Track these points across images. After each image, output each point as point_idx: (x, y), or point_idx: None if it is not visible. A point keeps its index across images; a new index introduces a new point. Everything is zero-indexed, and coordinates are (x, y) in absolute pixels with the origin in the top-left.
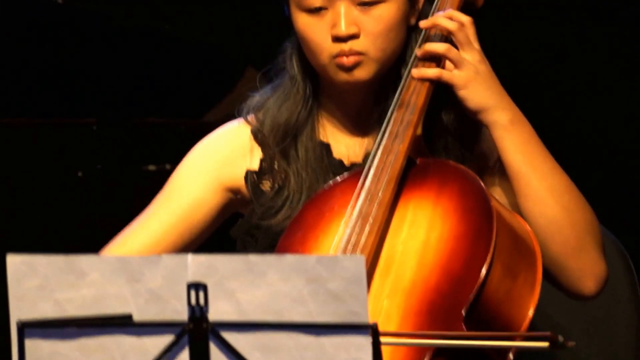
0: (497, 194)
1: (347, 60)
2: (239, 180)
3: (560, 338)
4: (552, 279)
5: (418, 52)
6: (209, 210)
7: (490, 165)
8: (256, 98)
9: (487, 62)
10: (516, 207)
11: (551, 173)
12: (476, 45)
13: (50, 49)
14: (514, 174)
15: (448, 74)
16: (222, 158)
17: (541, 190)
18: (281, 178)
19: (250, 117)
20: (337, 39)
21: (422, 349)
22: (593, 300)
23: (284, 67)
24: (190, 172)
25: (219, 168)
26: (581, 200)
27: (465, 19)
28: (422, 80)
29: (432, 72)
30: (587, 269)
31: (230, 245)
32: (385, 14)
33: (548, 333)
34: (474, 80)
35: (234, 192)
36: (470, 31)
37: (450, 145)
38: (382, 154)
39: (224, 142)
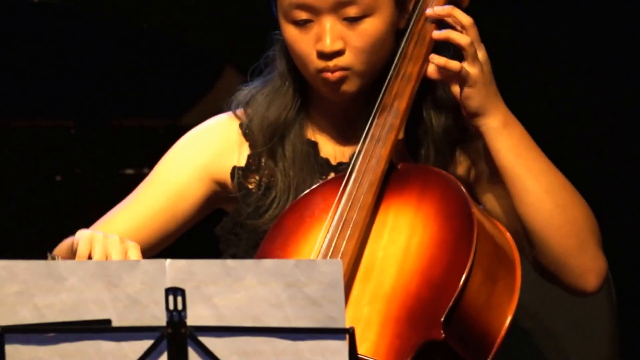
0: (489, 198)
1: (332, 76)
2: (225, 174)
3: None
4: (553, 278)
5: (435, 34)
6: (194, 200)
7: (478, 169)
8: (245, 91)
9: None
10: (509, 210)
11: (546, 172)
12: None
13: (26, 49)
14: (509, 175)
15: (467, 67)
16: (211, 149)
17: (537, 191)
18: (268, 176)
19: (239, 111)
20: (322, 55)
21: (401, 355)
22: (594, 295)
23: (274, 59)
24: (178, 160)
25: (208, 159)
26: (577, 197)
27: (468, 20)
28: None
29: (454, 64)
30: (587, 266)
31: (214, 244)
32: (371, 29)
33: None
34: (482, 80)
35: (220, 185)
36: (474, 32)
37: (435, 150)
38: (364, 158)
39: (213, 133)
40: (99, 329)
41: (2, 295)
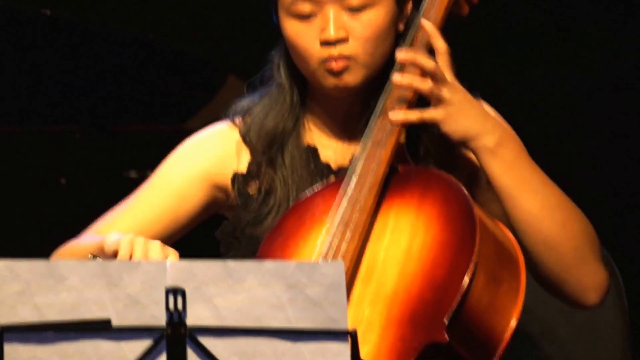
0: (486, 204)
1: (336, 65)
2: (226, 180)
3: None
4: (554, 292)
5: (400, 57)
6: (195, 204)
7: (476, 174)
8: (243, 102)
9: (463, 90)
10: (508, 218)
11: (541, 190)
12: (449, 76)
13: (34, 56)
14: (504, 196)
15: (428, 113)
16: (212, 156)
17: (533, 209)
18: (268, 182)
19: (238, 120)
20: (326, 44)
21: (403, 357)
22: (596, 309)
23: (271, 77)
24: (180, 164)
25: (209, 164)
26: (576, 212)
27: (442, 47)
28: (402, 123)
29: (413, 115)
30: (588, 281)
31: (214, 247)
32: (374, 19)
33: None
34: (454, 114)
35: (221, 190)
36: (445, 60)
37: (435, 153)
38: (365, 160)
39: (214, 141)
40: (98, 328)
41: (3, 294)
